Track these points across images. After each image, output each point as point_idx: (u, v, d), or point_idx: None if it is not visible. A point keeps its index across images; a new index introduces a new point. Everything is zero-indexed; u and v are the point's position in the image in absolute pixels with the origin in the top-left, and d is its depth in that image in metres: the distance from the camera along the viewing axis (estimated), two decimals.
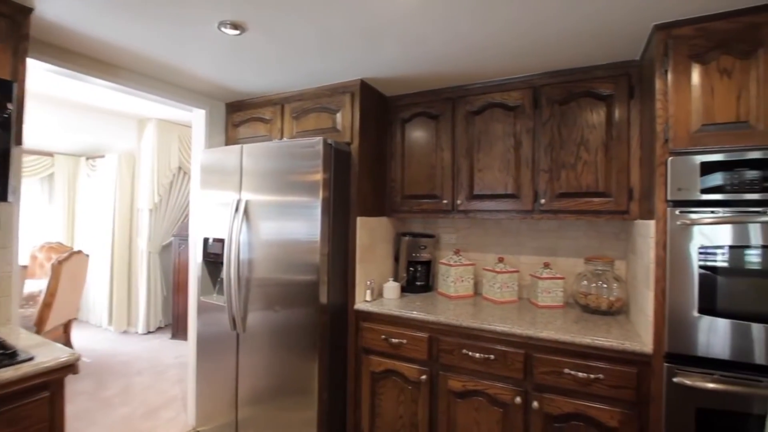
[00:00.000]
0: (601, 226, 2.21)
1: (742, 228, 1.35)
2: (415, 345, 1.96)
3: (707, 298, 1.40)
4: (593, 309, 1.99)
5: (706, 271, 1.40)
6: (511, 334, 1.74)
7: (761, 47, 1.36)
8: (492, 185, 2.13)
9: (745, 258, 1.36)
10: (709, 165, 1.40)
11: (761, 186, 1.34)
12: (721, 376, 1.38)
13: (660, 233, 1.49)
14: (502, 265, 2.27)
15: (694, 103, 1.44)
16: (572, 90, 1.95)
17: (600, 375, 1.57)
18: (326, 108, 2.29)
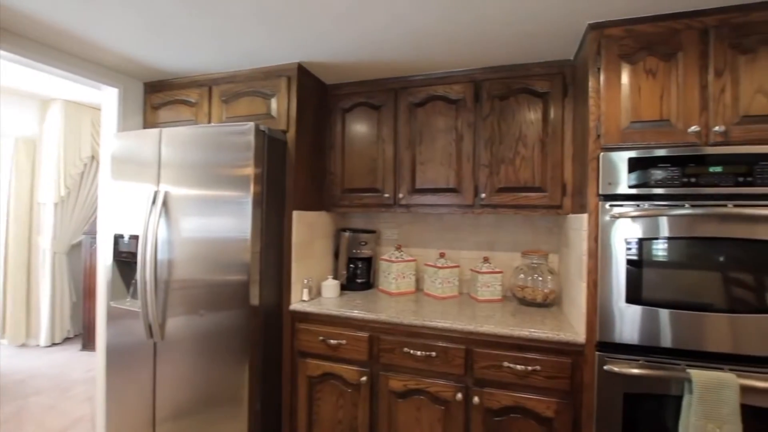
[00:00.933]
0: (536, 220, 2.27)
1: (663, 221, 1.43)
2: (355, 345, 1.86)
3: (634, 288, 1.46)
4: (529, 301, 2.03)
5: (632, 262, 1.47)
6: (452, 330, 1.70)
7: (680, 51, 1.45)
8: (434, 179, 2.10)
9: (666, 249, 1.44)
10: (636, 161, 1.46)
11: (680, 181, 1.42)
12: (645, 361, 1.45)
13: (592, 226, 1.53)
14: (443, 261, 2.25)
15: (623, 101, 1.50)
16: (511, 86, 1.97)
17: (537, 366, 1.58)
18: (260, 92, 2.11)
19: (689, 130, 1.42)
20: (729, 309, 1.38)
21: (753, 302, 1.36)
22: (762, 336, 1.35)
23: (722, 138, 1.40)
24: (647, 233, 1.45)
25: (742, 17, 1.40)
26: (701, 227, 1.40)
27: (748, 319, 1.36)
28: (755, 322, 1.35)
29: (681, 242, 1.42)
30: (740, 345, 1.37)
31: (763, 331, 1.35)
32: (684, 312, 1.41)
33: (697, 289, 1.41)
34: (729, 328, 1.38)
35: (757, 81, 1.38)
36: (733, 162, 1.37)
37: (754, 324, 1.36)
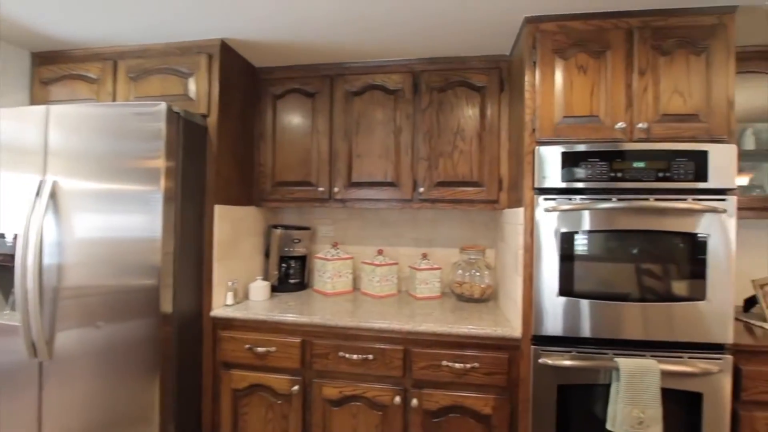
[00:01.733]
0: (474, 215, 2.27)
1: (593, 214, 1.46)
2: (286, 352, 1.70)
3: (566, 280, 1.48)
4: (467, 297, 2.02)
5: (565, 255, 1.48)
6: (390, 331, 1.62)
7: (609, 49, 1.49)
8: (371, 172, 2.00)
9: (595, 242, 1.48)
10: (569, 155, 1.48)
11: (608, 176, 1.46)
12: (577, 352, 1.47)
13: (527, 220, 1.53)
14: (381, 258, 2.16)
15: (557, 95, 1.51)
16: (450, 78, 1.93)
17: (475, 364, 1.55)
18: (176, 70, 1.86)
19: (616, 126, 1.47)
20: (649, 298, 1.45)
21: (669, 291, 1.44)
22: (674, 322, 1.43)
23: (645, 135, 1.47)
24: (578, 227, 1.47)
25: (662, 21, 1.47)
26: (627, 220, 1.45)
27: (665, 307, 1.44)
28: (671, 310, 1.43)
29: (609, 235, 1.47)
30: (658, 332, 1.44)
31: (675, 317, 1.43)
32: (611, 303, 1.46)
33: (622, 280, 1.46)
34: (649, 316, 1.44)
35: (674, 81, 1.46)
36: (654, 158, 1.44)
37: (669, 312, 1.43)
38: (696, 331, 1.43)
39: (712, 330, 1.43)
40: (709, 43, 1.45)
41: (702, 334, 1.43)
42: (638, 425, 1.37)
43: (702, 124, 1.45)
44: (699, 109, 1.45)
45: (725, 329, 1.42)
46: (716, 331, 1.43)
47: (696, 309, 1.43)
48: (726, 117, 1.44)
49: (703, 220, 1.42)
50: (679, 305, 1.43)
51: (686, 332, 1.43)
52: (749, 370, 1.45)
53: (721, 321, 1.42)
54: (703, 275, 1.43)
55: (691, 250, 1.43)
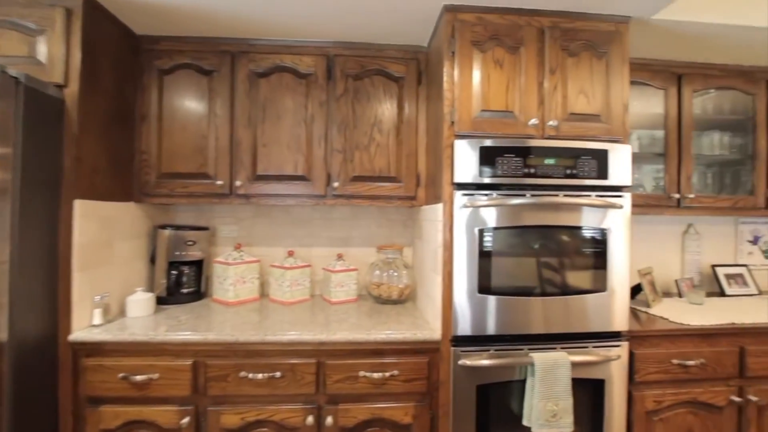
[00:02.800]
0: (391, 213, 2.18)
1: (508, 210, 1.45)
2: (174, 378, 1.41)
3: (485, 277, 1.45)
4: (385, 299, 1.91)
5: (483, 252, 1.45)
6: (300, 343, 1.43)
7: (523, 46, 1.50)
8: (280, 164, 1.78)
9: (511, 237, 1.47)
10: (487, 150, 1.45)
11: (522, 172, 1.46)
12: (495, 351, 1.45)
13: (447, 216, 1.47)
14: (292, 260, 1.95)
15: (475, 88, 1.47)
16: (366, 66, 1.81)
17: (395, 371, 1.44)
18: (17, 25, 1.43)
19: (529, 122, 1.48)
20: (559, 292, 1.48)
21: (577, 284, 1.49)
22: (581, 314, 1.49)
23: (555, 132, 1.50)
24: (496, 222, 1.45)
25: (569, 23, 1.52)
26: (540, 216, 1.47)
27: (573, 299, 1.48)
28: (578, 302, 1.49)
29: (523, 231, 1.47)
30: (567, 324, 1.48)
31: (582, 309, 1.49)
32: (526, 299, 1.46)
33: (536, 276, 1.48)
34: (559, 310, 1.48)
35: (580, 83, 1.52)
36: (563, 155, 1.48)
37: (576, 304, 1.49)
38: (599, 321, 1.50)
39: (612, 319, 1.51)
40: (609, 49, 1.54)
41: (604, 323, 1.51)
42: (552, 418, 1.39)
43: (603, 124, 1.53)
44: (600, 111, 1.53)
45: (623, 318, 1.52)
46: (615, 319, 1.52)
47: (599, 300, 1.50)
48: (622, 119, 1.54)
49: (605, 215, 1.50)
50: (585, 297, 1.49)
51: (591, 323, 1.50)
52: (641, 354, 1.57)
53: (619, 310, 1.52)
54: (604, 267, 1.51)
55: (595, 244, 1.50)
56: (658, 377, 1.59)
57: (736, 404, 1.64)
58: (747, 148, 2.10)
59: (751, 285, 2.31)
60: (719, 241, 2.43)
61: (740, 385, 1.65)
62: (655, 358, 1.59)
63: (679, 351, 1.61)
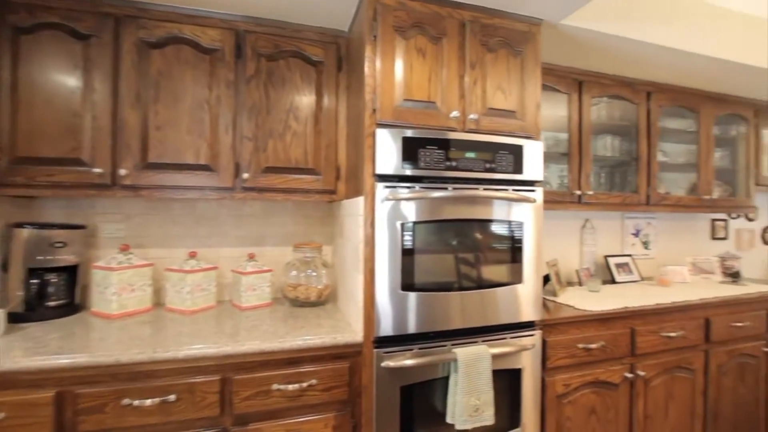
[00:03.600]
0: (309, 209, 2.03)
1: (431, 204, 1.41)
2: (29, 416, 1.10)
3: (408, 274, 1.39)
4: (303, 301, 1.77)
5: (406, 247, 1.39)
6: (201, 357, 1.22)
7: (445, 37, 1.47)
8: (178, 151, 1.54)
9: (434, 232, 1.43)
10: (409, 141, 1.39)
11: (444, 164, 1.43)
12: (419, 349, 1.40)
13: (368, 210, 1.38)
14: (194, 262, 1.70)
15: (398, 76, 1.41)
16: (282, 46, 1.64)
17: (313, 380, 1.31)
18: None
19: (451, 114, 1.46)
20: (481, 285, 1.48)
21: (497, 277, 1.51)
22: (500, 306, 1.51)
23: (475, 126, 1.50)
24: (418, 216, 1.40)
25: (488, 19, 1.54)
26: (462, 209, 1.45)
27: (493, 292, 1.50)
28: (497, 295, 1.50)
29: (445, 225, 1.44)
30: (488, 317, 1.49)
31: (501, 301, 1.51)
32: (449, 293, 1.44)
33: (458, 270, 1.46)
34: (480, 303, 1.48)
35: (498, 79, 1.54)
36: (483, 149, 1.48)
37: (496, 296, 1.50)
38: (516, 312, 1.54)
39: (528, 309, 1.56)
40: (524, 49, 1.59)
41: (520, 314, 1.55)
42: (474, 413, 1.38)
43: (518, 121, 1.57)
44: (516, 108, 1.57)
45: (537, 308, 1.58)
46: (530, 310, 1.57)
47: (515, 291, 1.54)
48: (535, 117, 1.60)
49: (520, 209, 1.54)
50: (503, 289, 1.52)
51: (508, 314, 1.53)
52: (552, 341, 1.65)
53: (533, 300, 1.57)
54: (520, 260, 1.55)
55: (512, 237, 1.54)
56: (567, 362, 1.69)
57: (628, 380, 1.81)
58: (632, 151, 2.36)
59: (634, 272, 2.61)
60: (609, 234, 2.72)
61: (632, 362, 1.83)
62: (564, 344, 1.68)
63: (584, 336, 1.72)
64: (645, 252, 2.83)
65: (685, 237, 2.99)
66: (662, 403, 1.90)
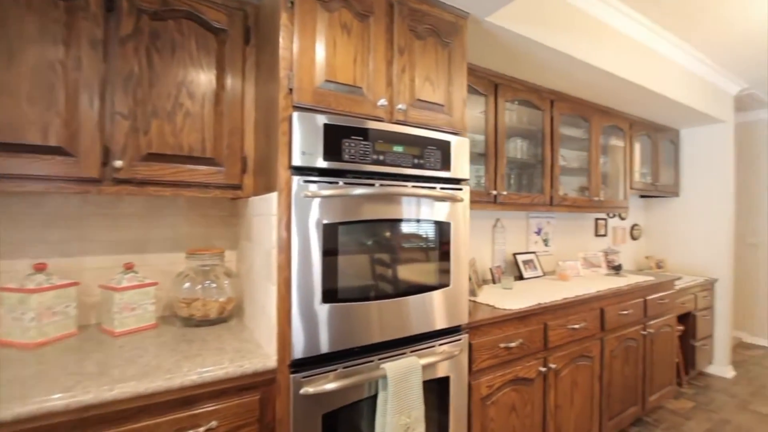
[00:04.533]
0: (208, 207, 1.71)
1: (356, 201, 1.25)
2: None
3: (330, 282, 1.20)
4: (199, 320, 1.46)
5: (328, 252, 1.20)
6: (39, 417, 0.87)
7: (372, 15, 1.32)
8: (13, 127, 1.12)
9: (359, 234, 1.27)
10: (332, 129, 1.21)
11: (371, 158, 1.28)
12: (343, 368, 1.22)
13: (283, 209, 1.16)
14: (42, 278, 1.28)
15: (319, 53, 1.21)
16: (171, 3, 1.32)
17: (213, 422, 1.05)
18: None
19: (378, 103, 1.31)
20: (409, 291, 1.37)
21: (426, 281, 1.40)
22: (429, 312, 1.41)
23: (403, 117, 1.38)
24: (342, 216, 1.22)
25: (417, 3, 1.43)
26: (390, 209, 1.32)
27: (422, 298, 1.39)
28: (426, 300, 1.40)
29: (373, 226, 1.29)
30: (417, 325, 1.38)
31: (430, 307, 1.41)
32: (376, 302, 1.29)
33: (387, 275, 1.32)
34: (409, 310, 1.36)
35: (426, 69, 1.44)
36: (411, 143, 1.36)
37: (425, 302, 1.40)
38: (445, 317, 1.46)
39: (456, 313, 1.49)
40: (452, 41, 1.51)
41: (449, 318, 1.47)
42: None
43: (446, 115, 1.49)
44: (444, 101, 1.49)
45: (464, 311, 1.52)
46: (458, 313, 1.50)
47: (444, 295, 1.45)
48: (462, 113, 1.54)
49: (449, 208, 1.46)
50: (433, 294, 1.42)
51: (438, 320, 1.44)
52: (476, 343, 1.61)
53: (461, 303, 1.51)
54: (448, 261, 1.47)
55: (441, 238, 1.45)
56: (490, 363, 1.67)
57: (542, 374, 1.87)
58: (538, 154, 2.50)
59: (538, 268, 2.78)
60: (516, 233, 2.86)
61: (544, 356, 1.90)
62: (487, 345, 1.66)
63: (505, 335, 1.72)
64: (545, 249, 3.05)
65: (575, 234, 3.31)
66: (569, 391, 2.02)
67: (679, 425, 2.60)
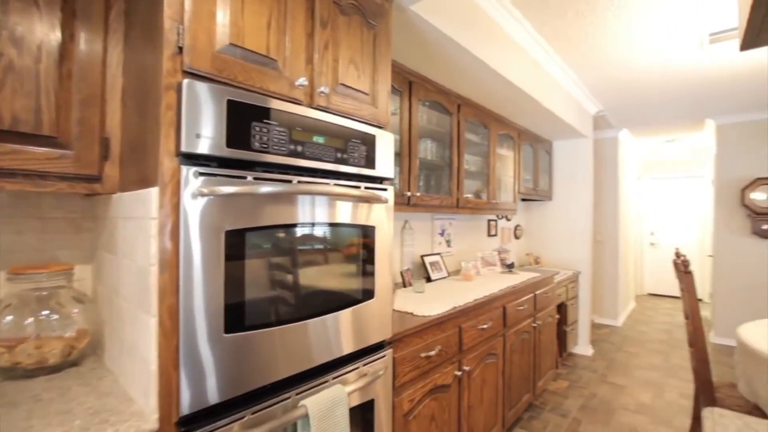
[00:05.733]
0: (48, 208, 1.24)
1: (269, 201, 1.00)
2: None
3: (235, 308, 0.93)
4: (32, 368, 1.02)
5: (233, 267, 0.93)
6: None
7: None
8: None
9: (274, 243, 1.02)
10: (239, 108, 0.94)
11: (288, 148, 1.04)
12: (252, 414, 0.96)
13: (168, 211, 0.85)
14: None
15: (221, 6, 0.93)
16: None
17: None
18: None
19: (297, 82, 1.08)
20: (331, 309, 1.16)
21: (350, 295, 1.22)
22: (353, 330, 1.23)
23: (325, 103, 1.17)
24: (251, 220, 0.97)
25: None
26: (309, 211, 1.10)
27: (346, 315, 1.20)
28: (350, 317, 1.22)
29: (290, 231, 1.05)
30: (340, 347, 1.19)
31: (354, 324, 1.23)
32: (292, 326, 1.05)
33: (305, 291, 1.10)
34: (332, 330, 1.16)
35: (351, 50, 1.25)
36: (334, 134, 1.17)
37: (349, 319, 1.21)
38: (369, 334, 1.29)
39: (381, 328, 1.34)
40: (378, 24, 1.35)
41: (373, 334, 1.31)
42: None
43: (371, 107, 1.33)
44: (369, 90, 1.33)
45: (389, 324, 1.37)
46: (383, 327, 1.35)
47: (369, 310, 1.29)
48: (386, 106, 1.40)
49: (374, 211, 1.30)
50: (357, 309, 1.24)
51: (362, 338, 1.26)
52: (399, 357, 1.48)
53: (386, 316, 1.36)
54: (373, 272, 1.31)
55: (365, 245, 1.28)
56: (412, 375, 1.56)
57: (457, 378, 1.84)
58: (445, 157, 2.51)
59: (443, 269, 2.82)
60: (423, 235, 2.86)
61: (459, 359, 1.87)
62: (409, 357, 1.54)
63: (425, 343, 1.64)
64: (448, 249, 3.13)
65: (472, 235, 3.48)
66: (479, 390, 2.04)
67: (560, 404, 2.90)
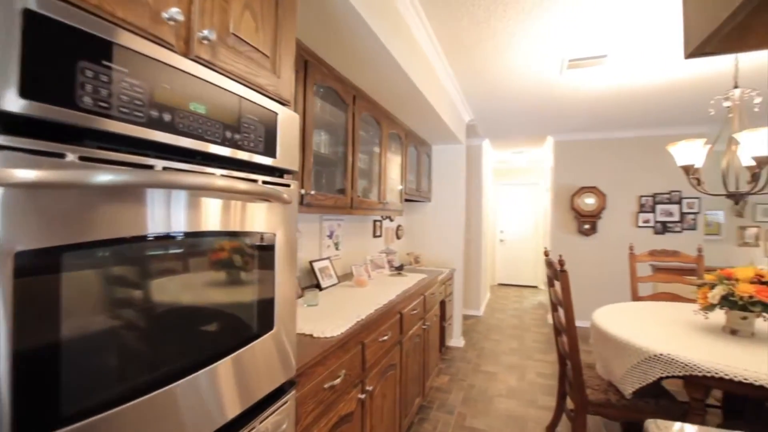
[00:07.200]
0: None
1: (111, 199, 0.61)
2: None
3: (42, 391, 0.52)
4: None
5: (32, 321, 0.52)
6: None
7: None
8: None
9: (118, 270, 0.63)
10: (53, 30, 0.53)
11: (146, 114, 0.66)
12: None
13: None
14: None
15: None
16: None
17: None
18: None
19: (165, 13, 0.70)
20: (212, 357, 0.81)
21: (239, 331, 0.88)
22: (246, 378, 0.90)
23: (209, 55, 0.80)
24: (72, 233, 0.56)
25: None
26: (178, 213, 0.73)
27: (235, 360, 0.86)
28: (241, 361, 0.88)
29: (144, 248, 0.67)
30: (233, 406, 0.84)
31: (247, 369, 0.90)
32: (152, 396, 0.68)
33: (174, 339, 0.72)
34: (217, 386, 0.81)
35: None
36: (221, 103, 0.81)
37: (240, 365, 0.88)
38: (267, 379, 0.97)
39: (281, 367, 1.02)
40: None
41: (272, 378, 0.99)
42: None
43: (272, 74, 1.00)
44: (270, 52, 0.99)
45: (291, 358, 1.07)
46: (284, 366, 1.04)
47: (265, 346, 0.96)
48: (291, 79, 1.09)
49: (275, 212, 0.98)
50: (250, 348, 0.91)
51: (261, 384, 0.94)
52: (301, 396, 1.19)
53: (287, 351, 1.05)
54: (272, 296, 0.99)
55: (261, 259, 0.95)
56: (315, 414, 1.28)
57: (361, 401, 1.63)
58: (339, 152, 2.28)
59: (333, 275, 2.58)
60: (310, 238, 2.56)
61: (362, 380, 1.66)
62: (312, 392, 1.26)
63: (329, 372, 1.37)
64: (336, 253, 2.90)
65: (359, 236, 3.32)
66: (381, 409, 1.87)
67: (445, 401, 2.96)
